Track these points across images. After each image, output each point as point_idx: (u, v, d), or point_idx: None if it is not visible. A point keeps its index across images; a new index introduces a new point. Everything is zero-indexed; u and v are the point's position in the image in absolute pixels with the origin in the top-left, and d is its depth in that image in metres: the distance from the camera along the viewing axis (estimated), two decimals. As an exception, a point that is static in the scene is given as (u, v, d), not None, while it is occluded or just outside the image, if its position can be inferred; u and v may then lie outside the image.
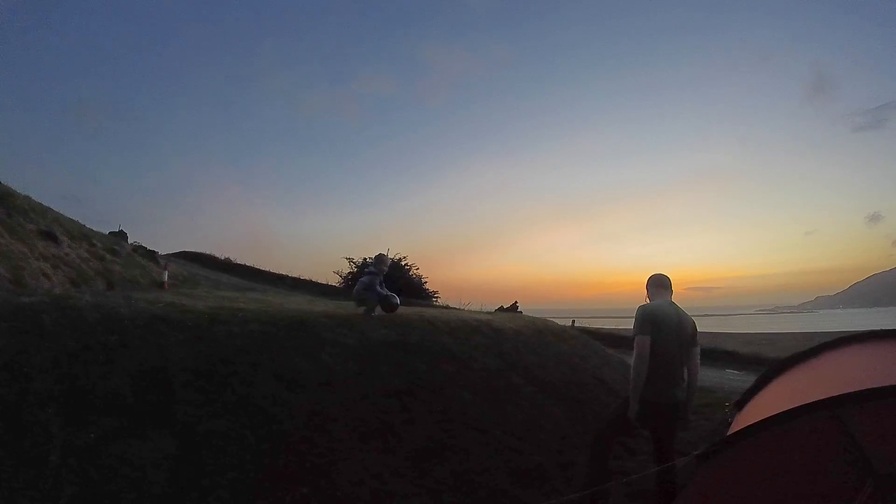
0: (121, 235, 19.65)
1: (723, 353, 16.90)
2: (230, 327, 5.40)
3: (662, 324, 3.92)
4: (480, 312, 13.35)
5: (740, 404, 4.32)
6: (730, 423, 4.35)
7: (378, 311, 7.30)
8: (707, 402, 7.97)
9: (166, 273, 13.63)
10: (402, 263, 20.14)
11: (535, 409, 6.08)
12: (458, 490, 4.19)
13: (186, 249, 27.94)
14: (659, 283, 4.26)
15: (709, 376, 11.81)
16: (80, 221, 15.16)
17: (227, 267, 24.80)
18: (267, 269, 25.03)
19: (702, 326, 4.82)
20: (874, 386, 2.48)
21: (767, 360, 15.73)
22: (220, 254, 27.30)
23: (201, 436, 3.87)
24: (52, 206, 13.60)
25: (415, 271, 20.70)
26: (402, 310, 7.76)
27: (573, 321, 18.67)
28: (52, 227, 11.27)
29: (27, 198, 12.54)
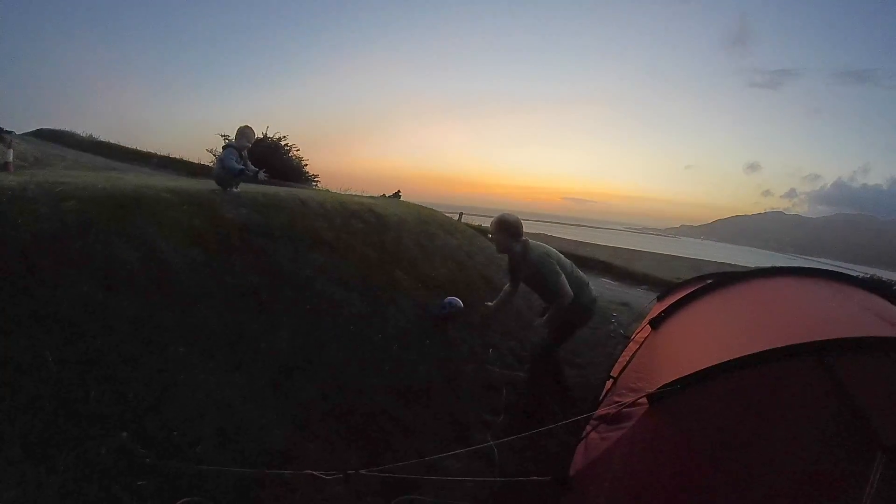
0: (-38, 115, 16.70)
1: (598, 263, 17.85)
2: (38, 206, 4.20)
3: (558, 257, 4.49)
4: (361, 196, 12.58)
5: (655, 323, 4.09)
6: (626, 337, 5.06)
7: (239, 188, 6.19)
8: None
9: (10, 152, 11.67)
10: (282, 143, 18.58)
11: (419, 312, 5.58)
12: (330, 414, 3.58)
13: (45, 127, 24.79)
14: (519, 228, 4.49)
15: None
16: None
17: (89, 146, 22.20)
18: (133, 147, 22.61)
19: (573, 235, 4.94)
20: (864, 335, 2.11)
21: (637, 274, 16.80)
22: (84, 131, 24.36)
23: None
24: None
25: (294, 152, 19.11)
26: (272, 188, 6.83)
27: (461, 214, 18.43)
28: None
29: None
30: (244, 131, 6.32)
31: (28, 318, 3.16)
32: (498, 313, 4.78)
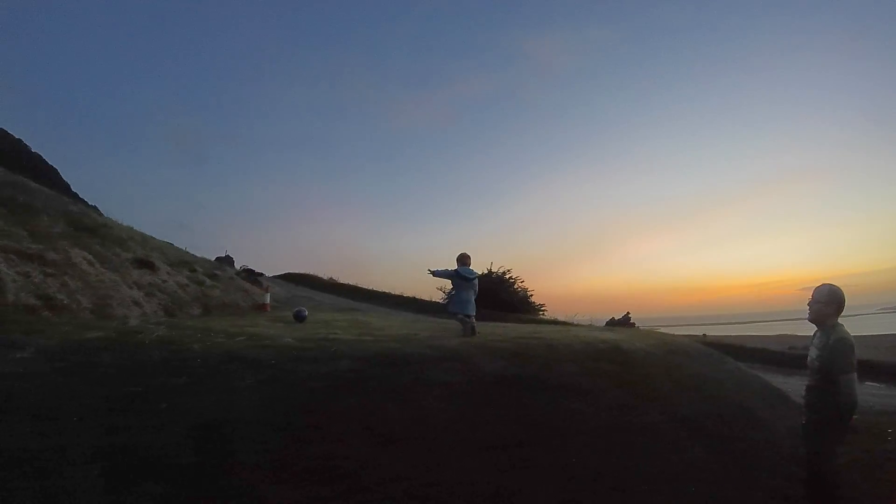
0: (226, 260, 20.12)
1: (858, 363, 14.67)
2: (316, 366, 4.60)
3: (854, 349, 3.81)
4: (594, 327, 12.13)
5: None
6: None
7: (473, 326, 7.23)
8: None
9: (268, 296, 13.51)
10: (507, 277, 19.20)
11: (677, 456, 4.89)
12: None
13: (292, 271, 28.64)
14: (843, 307, 3.92)
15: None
16: (185, 249, 15.50)
17: (331, 287, 24.99)
18: (369, 288, 24.98)
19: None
20: None
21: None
22: (324, 274, 27.66)
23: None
24: (156, 236, 13.91)
25: (520, 284, 19.70)
26: (517, 329, 6.77)
27: (704, 335, 17.04)
28: (151, 255, 11.35)
29: (128, 228, 12.84)
30: (462, 258, 7.68)
31: (310, 469, 3.30)
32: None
